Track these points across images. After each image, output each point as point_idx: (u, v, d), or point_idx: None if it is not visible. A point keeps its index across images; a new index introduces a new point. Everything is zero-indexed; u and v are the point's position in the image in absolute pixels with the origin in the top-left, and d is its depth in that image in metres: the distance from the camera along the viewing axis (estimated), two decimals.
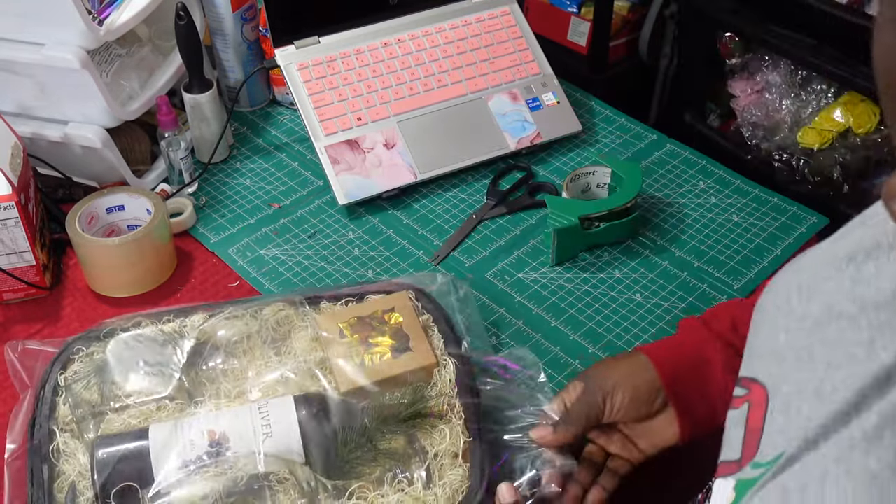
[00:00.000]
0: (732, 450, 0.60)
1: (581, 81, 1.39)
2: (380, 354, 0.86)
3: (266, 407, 0.80)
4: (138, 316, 0.90)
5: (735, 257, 1.08)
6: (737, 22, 1.68)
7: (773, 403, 0.57)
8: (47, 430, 0.80)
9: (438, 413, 0.84)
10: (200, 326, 0.89)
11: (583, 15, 2.04)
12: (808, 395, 0.54)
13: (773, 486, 0.52)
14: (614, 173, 1.10)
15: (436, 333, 0.91)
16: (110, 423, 0.82)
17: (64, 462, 0.78)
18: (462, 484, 0.79)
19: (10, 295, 1.03)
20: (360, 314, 0.90)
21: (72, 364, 0.86)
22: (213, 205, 1.17)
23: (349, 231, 1.13)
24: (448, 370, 0.86)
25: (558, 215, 1.04)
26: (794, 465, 0.52)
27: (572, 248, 1.08)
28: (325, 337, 0.88)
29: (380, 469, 0.79)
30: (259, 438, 0.77)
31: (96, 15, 1.07)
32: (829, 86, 1.63)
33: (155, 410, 0.83)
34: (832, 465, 0.49)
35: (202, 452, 0.76)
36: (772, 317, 0.62)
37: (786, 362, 0.58)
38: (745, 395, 0.61)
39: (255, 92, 1.33)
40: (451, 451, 0.81)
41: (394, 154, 1.18)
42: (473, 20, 1.28)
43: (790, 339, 0.58)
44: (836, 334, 0.54)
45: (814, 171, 1.65)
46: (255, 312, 0.91)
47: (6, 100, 1.12)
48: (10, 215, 0.97)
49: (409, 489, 0.78)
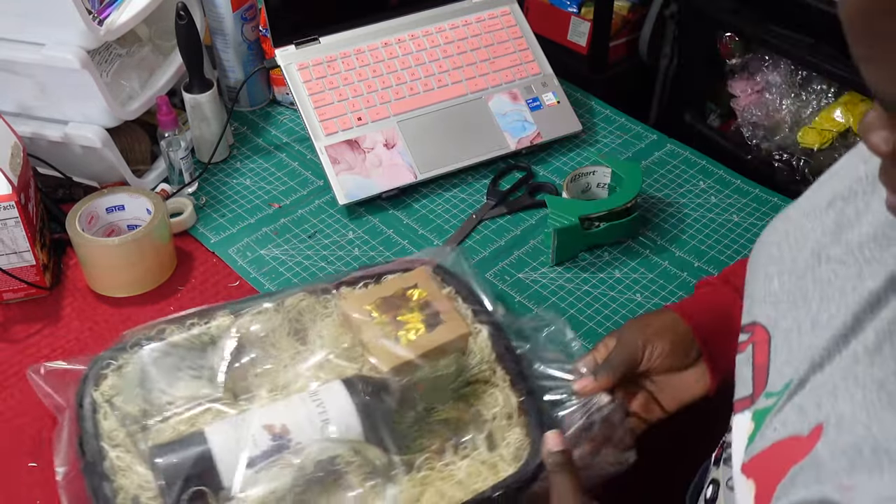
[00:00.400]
0: (745, 386, 0.64)
1: (581, 81, 1.39)
2: (414, 330, 0.87)
3: (317, 394, 0.80)
4: (161, 323, 0.90)
5: (735, 257, 1.08)
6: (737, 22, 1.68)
7: (776, 340, 0.62)
8: (97, 447, 0.79)
9: (483, 379, 0.85)
10: (227, 326, 0.89)
11: (583, 15, 2.04)
12: (807, 328, 0.59)
13: (788, 407, 0.57)
14: (614, 173, 1.10)
15: (461, 303, 0.92)
16: (160, 433, 0.81)
17: (121, 477, 0.77)
18: (523, 442, 0.80)
19: (10, 295, 1.03)
20: (383, 294, 0.91)
21: (104, 379, 0.85)
22: (213, 205, 1.17)
23: (349, 231, 1.13)
24: (483, 336, 0.88)
25: (558, 215, 1.04)
26: (804, 387, 0.56)
27: (572, 248, 1.08)
28: (355, 319, 0.88)
29: (439, 440, 0.80)
30: (319, 426, 0.78)
31: (96, 15, 1.07)
32: (829, 86, 1.64)
33: (201, 414, 0.82)
34: (840, 380, 0.54)
35: (266, 447, 0.76)
36: (764, 266, 0.66)
37: (782, 304, 0.62)
38: (749, 337, 0.65)
39: (255, 92, 1.33)
40: (504, 412, 0.83)
41: (394, 154, 1.18)
42: (473, 20, 1.28)
43: (783, 283, 0.63)
44: (827, 274, 0.59)
45: (814, 171, 1.65)
46: (278, 305, 0.91)
47: (6, 100, 1.12)
48: (10, 215, 0.97)
49: (473, 454, 0.80)
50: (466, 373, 0.85)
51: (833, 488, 0.50)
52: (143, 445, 0.80)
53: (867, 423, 0.50)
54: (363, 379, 0.82)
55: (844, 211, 0.61)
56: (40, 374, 0.86)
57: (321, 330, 0.90)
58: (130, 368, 0.85)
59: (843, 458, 0.50)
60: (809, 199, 0.66)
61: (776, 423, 0.58)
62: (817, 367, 0.56)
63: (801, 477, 0.53)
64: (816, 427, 0.54)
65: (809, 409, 0.55)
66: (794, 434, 0.55)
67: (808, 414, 0.55)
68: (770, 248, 0.67)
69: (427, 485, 0.78)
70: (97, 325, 1.02)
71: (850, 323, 0.55)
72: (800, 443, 0.54)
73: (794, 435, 0.55)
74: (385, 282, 0.94)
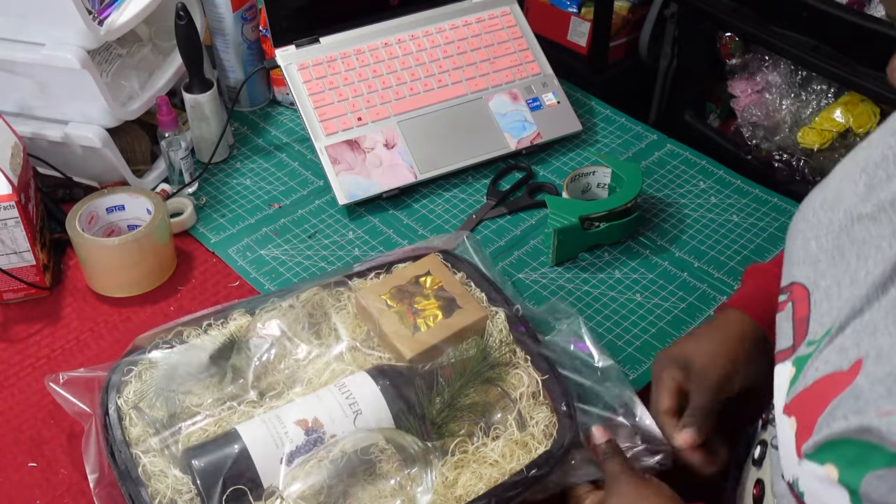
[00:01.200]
0: (785, 339, 0.66)
1: (581, 81, 1.40)
2: (431, 316, 0.88)
3: (345, 386, 0.81)
4: (177, 324, 0.89)
5: (735, 257, 1.08)
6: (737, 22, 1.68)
7: (815, 296, 0.63)
8: (129, 453, 0.79)
9: (505, 360, 0.86)
10: (245, 325, 0.89)
11: (583, 15, 2.04)
12: (847, 283, 0.60)
13: (829, 349, 0.59)
14: (615, 173, 1.10)
15: (474, 288, 0.93)
16: (190, 435, 0.81)
17: (155, 482, 0.78)
18: (551, 419, 0.82)
19: (10, 295, 1.03)
20: (396, 283, 0.92)
21: (126, 386, 0.85)
22: (213, 205, 1.17)
23: (349, 231, 1.13)
24: (500, 318, 0.90)
25: (558, 215, 1.04)
26: (845, 331, 0.58)
27: (572, 249, 1.08)
28: (372, 310, 0.89)
29: (468, 424, 0.81)
30: (351, 417, 0.78)
31: (96, 15, 1.07)
32: (829, 86, 1.63)
33: (228, 415, 0.82)
34: (880, 320, 0.56)
35: (302, 442, 0.77)
36: (802, 231, 0.68)
37: (820, 263, 0.64)
38: (788, 297, 0.67)
39: (256, 92, 1.33)
40: (529, 392, 0.84)
41: (394, 154, 1.18)
42: (473, 20, 1.28)
43: (821, 244, 0.65)
44: (861, 233, 0.61)
45: (814, 171, 1.65)
46: (292, 302, 0.92)
47: (6, 100, 1.12)
48: (10, 215, 0.97)
49: (504, 434, 0.81)
50: (488, 355, 0.86)
51: (872, 416, 0.51)
52: (173, 449, 0.80)
53: None
54: (388, 368, 0.83)
55: (876, 174, 0.63)
56: (59, 383, 0.86)
57: (337, 323, 0.91)
58: (152, 373, 0.85)
59: (881, 386, 0.52)
60: (843, 167, 0.69)
61: (817, 364, 0.59)
62: (858, 312, 0.58)
63: (840, 408, 0.54)
64: (857, 362, 0.55)
65: (850, 348, 0.57)
66: (835, 370, 0.57)
67: (849, 352, 0.57)
68: (806, 213, 0.69)
69: (463, 467, 0.79)
70: (97, 325, 1.02)
71: (889, 273, 0.57)
72: (841, 377, 0.56)
73: (836, 371, 0.57)
74: (396, 271, 0.95)
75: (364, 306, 0.90)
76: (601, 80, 2.04)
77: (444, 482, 0.77)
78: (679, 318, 1.01)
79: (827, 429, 0.55)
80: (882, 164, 0.63)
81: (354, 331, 0.90)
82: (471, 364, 0.84)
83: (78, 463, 0.88)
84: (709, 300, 1.03)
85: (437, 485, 0.77)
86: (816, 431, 0.56)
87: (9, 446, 0.90)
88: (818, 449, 0.56)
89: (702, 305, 1.03)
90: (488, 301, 0.93)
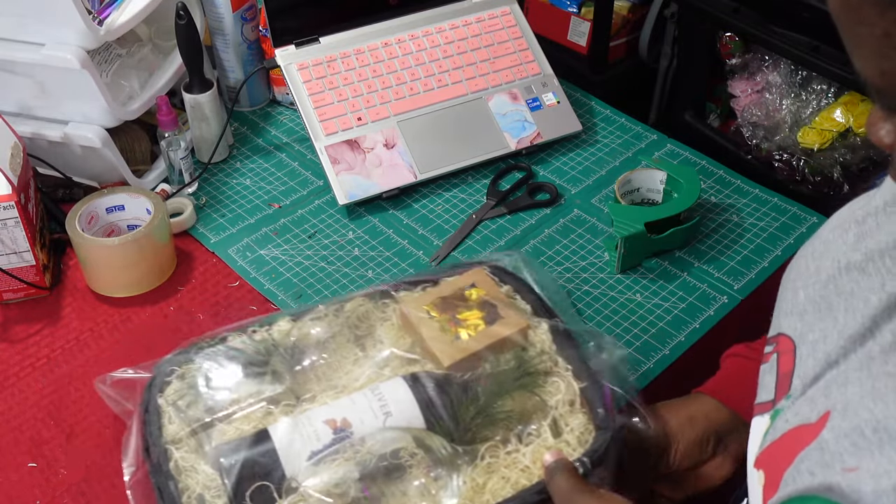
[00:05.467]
0: (766, 391, 0.65)
1: (581, 81, 1.39)
2: (473, 326, 0.87)
3: (379, 389, 0.80)
4: (223, 331, 0.90)
5: (735, 257, 1.08)
6: (737, 22, 1.68)
7: (801, 350, 0.62)
8: (163, 449, 0.80)
9: (544, 370, 0.85)
10: (288, 331, 0.89)
11: (583, 15, 2.04)
12: (833, 337, 0.59)
13: (801, 401, 0.58)
14: (670, 177, 1.09)
15: (519, 300, 0.92)
16: (223, 434, 0.81)
17: (186, 477, 0.78)
18: (587, 426, 0.80)
19: (10, 295, 1.03)
20: (441, 295, 0.91)
21: (168, 385, 0.85)
22: (213, 205, 1.17)
23: (349, 231, 1.13)
24: (543, 329, 0.88)
25: (623, 223, 1.02)
26: (818, 382, 0.57)
27: (638, 256, 1.06)
28: (414, 319, 0.88)
29: (502, 431, 0.80)
30: (381, 419, 0.78)
31: (96, 15, 1.07)
32: (829, 86, 1.63)
33: (263, 416, 0.82)
34: (853, 372, 0.55)
35: (328, 441, 0.76)
36: (792, 281, 0.68)
37: (807, 314, 0.63)
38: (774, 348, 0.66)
39: (255, 92, 1.33)
40: (567, 399, 0.83)
41: (394, 154, 1.18)
42: (473, 20, 1.28)
43: (808, 294, 0.64)
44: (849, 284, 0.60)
45: (814, 171, 1.65)
46: (337, 311, 0.91)
47: (6, 100, 1.12)
48: (10, 215, 0.97)
49: (538, 440, 0.80)
50: (528, 366, 0.85)
51: (836, 472, 0.50)
52: (206, 446, 0.80)
53: (871, 408, 0.51)
54: (424, 374, 0.83)
55: (866, 221, 0.62)
56: (107, 384, 0.86)
57: (381, 335, 0.90)
58: (194, 373, 0.85)
59: (846, 440, 0.51)
60: (837, 217, 0.68)
61: (788, 416, 0.58)
62: (833, 364, 0.57)
63: (806, 462, 0.53)
64: (824, 414, 0.54)
65: (819, 399, 0.56)
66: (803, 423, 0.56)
67: (818, 403, 0.56)
68: (798, 263, 0.69)
69: (492, 472, 0.78)
70: (97, 325, 1.02)
71: (868, 325, 0.56)
72: (808, 430, 0.55)
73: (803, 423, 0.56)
74: (443, 283, 0.94)
75: (407, 316, 0.89)
76: (601, 80, 2.04)
77: (473, 487, 0.76)
78: (679, 318, 1.01)
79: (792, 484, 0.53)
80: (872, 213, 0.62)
81: (397, 342, 0.89)
82: (508, 375, 0.83)
83: (77, 463, 0.88)
84: (709, 300, 1.03)
85: (464, 489, 0.76)
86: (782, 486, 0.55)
87: (9, 446, 0.90)
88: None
89: (702, 305, 1.03)
90: (533, 313, 0.90)
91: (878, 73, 0.44)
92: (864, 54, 0.44)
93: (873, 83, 0.45)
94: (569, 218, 1.14)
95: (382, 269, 1.08)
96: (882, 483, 0.47)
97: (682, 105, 1.92)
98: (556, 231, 1.12)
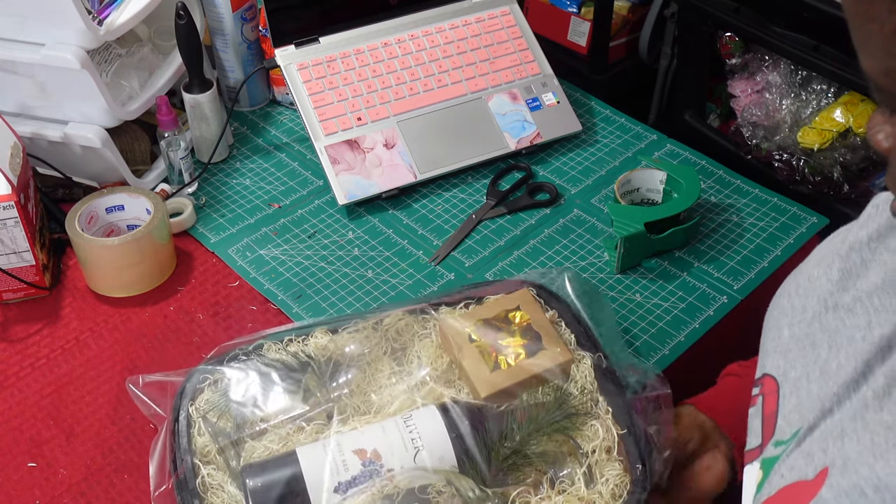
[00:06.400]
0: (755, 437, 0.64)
1: (581, 81, 1.40)
2: (514, 355, 0.84)
3: (411, 420, 0.78)
4: (258, 337, 0.89)
5: (735, 257, 1.08)
6: (737, 22, 1.68)
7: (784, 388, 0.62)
8: (190, 463, 0.78)
9: (584, 410, 0.82)
10: (324, 344, 0.87)
11: (583, 15, 2.04)
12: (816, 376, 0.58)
13: (797, 454, 0.57)
14: (670, 177, 1.09)
15: (563, 328, 0.89)
16: (251, 451, 0.80)
17: (212, 495, 0.77)
18: (623, 479, 0.77)
19: (9, 295, 1.03)
20: (484, 316, 0.88)
21: (200, 393, 0.84)
22: (212, 205, 1.17)
23: (349, 231, 1.13)
24: (585, 364, 0.85)
25: (623, 223, 1.02)
26: (813, 433, 0.56)
27: (637, 256, 1.06)
28: (455, 341, 0.86)
29: (535, 473, 0.78)
30: (411, 453, 0.76)
31: (96, 15, 1.07)
32: (829, 86, 1.63)
33: (294, 433, 0.81)
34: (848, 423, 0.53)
35: (357, 473, 0.75)
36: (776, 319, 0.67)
37: (791, 353, 0.62)
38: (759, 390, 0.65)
39: (255, 92, 1.33)
40: (604, 446, 0.80)
41: (394, 154, 1.18)
42: (473, 20, 1.28)
43: (792, 332, 0.63)
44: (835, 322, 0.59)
45: (814, 171, 1.65)
46: (376, 324, 0.89)
47: (6, 100, 1.12)
48: (9, 215, 0.97)
49: (570, 489, 0.77)
50: (567, 403, 0.82)
51: None
52: (234, 463, 0.79)
53: (872, 464, 0.50)
54: (459, 406, 0.80)
55: (850, 257, 0.61)
56: (139, 386, 0.85)
57: (419, 351, 0.88)
58: (226, 383, 0.84)
59: (846, 499, 0.50)
60: (819, 251, 0.67)
61: (783, 470, 0.57)
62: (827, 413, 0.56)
63: None
64: (822, 471, 0.53)
65: (816, 453, 0.55)
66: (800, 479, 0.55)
67: (815, 458, 0.54)
68: (781, 301, 0.68)
69: None
70: (97, 325, 1.02)
71: (861, 369, 0.55)
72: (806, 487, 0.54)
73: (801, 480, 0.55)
74: (487, 302, 0.91)
75: (446, 335, 0.87)
76: (601, 80, 2.04)
77: None
78: (679, 318, 1.01)
79: None
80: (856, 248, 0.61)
81: (436, 361, 0.87)
82: (546, 410, 0.80)
83: (77, 463, 0.88)
84: (708, 300, 1.03)
85: None
86: None
87: (9, 446, 0.90)
88: None
89: (702, 305, 1.03)
90: (577, 344, 0.87)
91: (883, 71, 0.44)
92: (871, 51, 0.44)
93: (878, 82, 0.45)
94: (569, 218, 1.14)
95: (382, 269, 1.08)
96: None
97: (682, 105, 1.92)
98: (556, 231, 1.12)
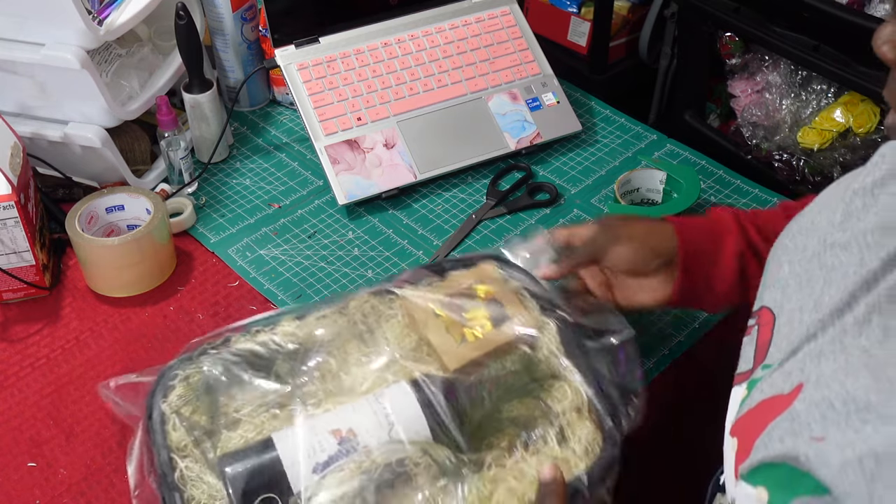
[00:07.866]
0: (745, 362, 0.67)
1: (581, 81, 1.40)
2: (480, 327, 0.85)
3: (384, 396, 0.79)
4: (226, 331, 0.89)
5: None
6: (737, 22, 1.68)
7: (780, 320, 0.64)
8: (167, 458, 0.79)
9: (552, 373, 0.83)
10: (292, 331, 0.88)
11: (583, 15, 2.04)
12: (809, 308, 0.61)
13: (778, 373, 0.60)
14: (670, 177, 1.08)
15: (528, 298, 0.89)
16: (227, 441, 0.81)
17: (192, 487, 0.77)
18: (595, 436, 0.79)
19: (9, 295, 1.03)
20: (448, 291, 0.89)
21: (172, 390, 0.84)
22: (212, 205, 1.17)
23: (349, 231, 1.13)
24: (551, 330, 0.86)
25: None
26: (796, 356, 0.59)
27: None
28: (420, 318, 0.86)
29: (508, 437, 0.79)
30: (386, 429, 0.77)
31: (96, 15, 1.07)
32: (829, 86, 1.63)
33: (269, 420, 0.82)
34: (828, 346, 0.57)
35: (334, 452, 0.75)
36: (778, 256, 0.70)
37: (789, 287, 0.65)
38: (756, 321, 0.68)
39: (255, 92, 1.33)
40: (573, 406, 0.81)
41: (394, 154, 1.18)
42: (473, 20, 1.28)
43: (792, 268, 0.66)
44: (832, 259, 0.61)
45: (814, 171, 1.65)
46: (342, 308, 0.90)
47: (6, 100, 1.12)
48: (9, 215, 0.97)
49: (544, 448, 0.78)
50: (534, 368, 0.83)
51: (805, 441, 0.52)
52: (211, 455, 0.79)
53: (843, 380, 0.53)
54: (430, 379, 0.81)
55: (853, 202, 0.63)
56: (111, 389, 0.85)
57: (386, 331, 0.88)
58: (197, 378, 0.84)
59: (815, 410, 0.53)
60: (825, 194, 0.69)
61: (764, 387, 0.60)
62: (811, 337, 0.59)
63: (776, 431, 0.55)
64: (797, 386, 0.56)
65: (794, 372, 0.58)
66: (777, 393, 0.58)
67: (793, 376, 0.58)
68: (784, 241, 0.70)
69: (498, 482, 0.77)
70: (97, 325, 1.02)
71: (846, 299, 0.58)
72: (781, 400, 0.57)
73: (777, 394, 0.58)
74: (449, 278, 0.92)
75: (412, 314, 0.88)
76: (601, 80, 2.04)
77: (479, 497, 0.75)
78: (679, 317, 1.01)
79: (763, 450, 0.55)
80: (860, 193, 0.63)
81: (403, 339, 0.87)
82: (515, 377, 0.82)
83: (77, 463, 0.88)
84: None
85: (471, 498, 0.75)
86: (753, 453, 0.56)
87: (9, 446, 0.90)
88: (752, 470, 0.56)
89: None
90: (541, 311, 0.87)
91: None
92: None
93: None
94: (569, 218, 1.14)
95: (382, 269, 1.08)
96: (847, 453, 0.49)
97: (682, 105, 1.92)
98: None
